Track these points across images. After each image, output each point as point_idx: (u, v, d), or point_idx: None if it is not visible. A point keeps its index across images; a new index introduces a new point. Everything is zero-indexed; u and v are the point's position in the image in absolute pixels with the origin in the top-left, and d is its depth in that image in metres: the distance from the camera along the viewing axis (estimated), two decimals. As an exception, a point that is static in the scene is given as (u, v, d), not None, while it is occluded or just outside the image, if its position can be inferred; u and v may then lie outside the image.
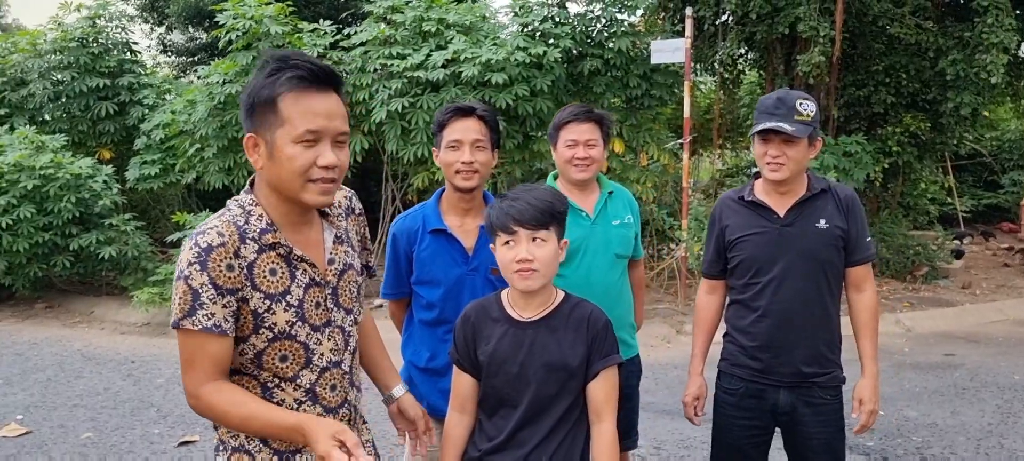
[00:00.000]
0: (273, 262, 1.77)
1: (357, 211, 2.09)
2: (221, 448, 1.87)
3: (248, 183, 1.86)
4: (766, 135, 2.61)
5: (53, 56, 9.48)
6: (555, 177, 3.08)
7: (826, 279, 2.66)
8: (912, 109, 9.51)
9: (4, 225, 7.83)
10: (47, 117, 9.90)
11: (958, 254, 10.66)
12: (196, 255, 1.69)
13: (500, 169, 8.17)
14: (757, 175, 2.79)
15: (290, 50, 1.83)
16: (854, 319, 2.77)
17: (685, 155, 8.30)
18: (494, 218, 2.08)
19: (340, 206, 2.01)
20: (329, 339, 1.86)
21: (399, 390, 2.23)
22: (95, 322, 8.17)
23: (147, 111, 9.45)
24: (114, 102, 9.58)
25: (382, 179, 8.98)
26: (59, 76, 9.41)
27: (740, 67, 11.48)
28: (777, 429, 2.80)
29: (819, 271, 2.64)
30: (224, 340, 1.72)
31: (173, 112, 8.86)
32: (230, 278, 1.71)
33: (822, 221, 2.64)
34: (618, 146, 8.33)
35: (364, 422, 2.08)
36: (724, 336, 2.87)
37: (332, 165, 1.73)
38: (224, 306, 1.71)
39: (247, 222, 1.77)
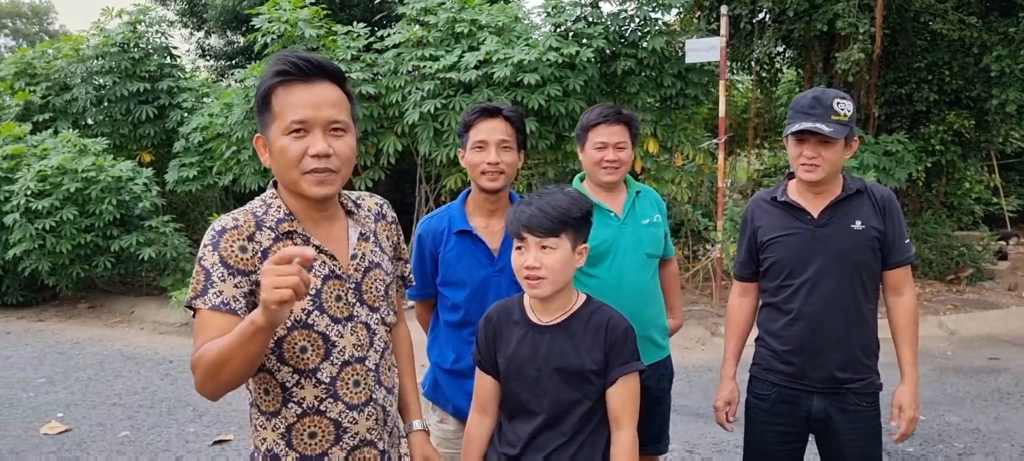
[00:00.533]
0: None
1: (388, 218, 2.07)
2: (255, 454, 1.88)
3: (272, 182, 1.89)
4: (801, 135, 2.55)
5: (95, 61, 9.66)
6: (581, 179, 3.05)
7: (862, 281, 2.59)
8: (956, 106, 9.30)
9: (48, 227, 8.00)
10: (90, 121, 10.10)
11: (1002, 255, 10.38)
12: (210, 238, 1.75)
13: (533, 170, 8.15)
14: (790, 175, 2.73)
15: (288, 50, 1.85)
16: (893, 324, 2.69)
17: (720, 155, 8.20)
18: (508, 223, 2.10)
19: (370, 210, 2.01)
20: (351, 333, 1.85)
21: (417, 424, 2.16)
22: (135, 322, 8.32)
23: (186, 114, 9.59)
24: (154, 106, 9.73)
25: (416, 181, 9.01)
26: (101, 80, 9.57)
27: (777, 65, 11.32)
28: (812, 436, 2.73)
29: (854, 273, 2.57)
30: (231, 318, 1.70)
31: (210, 115, 8.97)
32: (242, 259, 1.74)
33: (857, 222, 2.57)
34: (652, 146, 8.26)
35: (402, 435, 2.06)
36: (756, 340, 2.81)
37: (323, 153, 1.74)
38: (235, 286, 1.72)
39: (266, 212, 1.82)
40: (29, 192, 8.00)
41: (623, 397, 2.07)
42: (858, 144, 2.66)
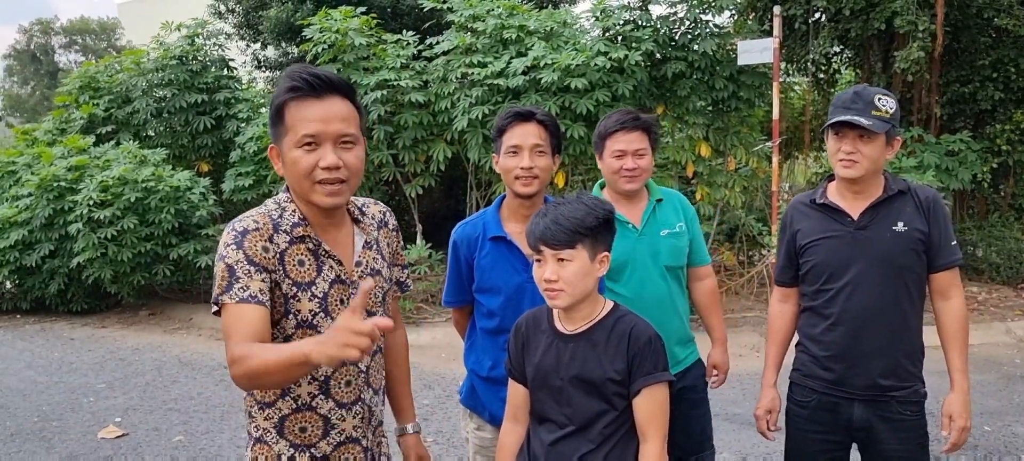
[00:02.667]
0: (302, 254, 1.90)
1: (391, 226, 2.18)
2: (248, 438, 1.99)
3: (285, 187, 1.98)
4: (840, 129, 2.48)
5: (155, 74, 9.91)
6: (601, 186, 3.00)
7: (905, 286, 2.50)
8: (1023, 105, 8.95)
9: (110, 236, 8.25)
10: (151, 133, 10.38)
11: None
12: (233, 238, 1.83)
13: (584, 176, 8.10)
14: (830, 177, 2.65)
15: (301, 65, 1.93)
16: (941, 330, 2.59)
17: (774, 158, 8.04)
18: (526, 235, 2.09)
19: (374, 218, 2.11)
20: None
21: (411, 427, 2.30)
22: (193, 328, 8.51)
23: (242, 125, 9.77)
24: (211, 117, 9.94)
25: (467, 187, 9.03)
26: (161, 93, 9.83)
27: (835, 66, 11.06)
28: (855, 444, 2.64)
29: (896, 277, 2.48)
30: (260, 309, 1.78)
31: (264, 125, 9.13)
32: (265, 257, 1.83)
33: (900, 224, 2.48)
34: (705, 150, 8.14)
35: (385, 436, 2.15)
36: (796, 345, 2.74)
37: (333, 166, 1.83)
38: (262, 280, 1.81)
39: (281, 216, 1.91)
40: (92, 202, 8.25)
41: (648, 408, 2.02)
42: (900, 144, 2.57)
